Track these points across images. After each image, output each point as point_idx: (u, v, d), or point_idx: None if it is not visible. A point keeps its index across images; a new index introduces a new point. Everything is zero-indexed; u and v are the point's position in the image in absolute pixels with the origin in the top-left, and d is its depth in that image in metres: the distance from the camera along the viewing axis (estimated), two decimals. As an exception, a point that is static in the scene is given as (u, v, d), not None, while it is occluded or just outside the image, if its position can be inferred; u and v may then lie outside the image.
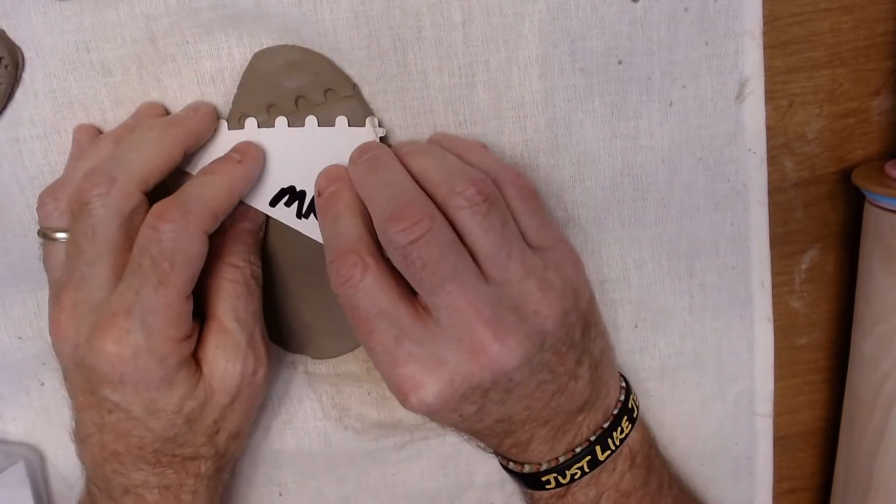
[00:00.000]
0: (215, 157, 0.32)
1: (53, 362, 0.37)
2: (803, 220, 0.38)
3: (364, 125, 0.34)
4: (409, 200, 0.29)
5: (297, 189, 0.33)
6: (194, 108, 0.33)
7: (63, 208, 0.31)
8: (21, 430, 0.39)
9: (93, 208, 0.29)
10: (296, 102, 0.33)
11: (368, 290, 0.29)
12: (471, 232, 0.29)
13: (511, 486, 0.39)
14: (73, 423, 0.33)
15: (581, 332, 0.31)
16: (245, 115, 0.34)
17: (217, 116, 0.34)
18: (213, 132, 0.33)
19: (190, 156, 0.33)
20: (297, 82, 0.33)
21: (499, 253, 0.29)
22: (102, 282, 0.30)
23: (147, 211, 0.31)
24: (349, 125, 0.33)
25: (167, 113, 0.34)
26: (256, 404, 0.34)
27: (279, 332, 0.37)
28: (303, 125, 0.33)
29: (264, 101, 0.33)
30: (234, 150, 0.33)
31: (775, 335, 0.39)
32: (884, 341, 0.35)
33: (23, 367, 0.38)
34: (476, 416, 0.30)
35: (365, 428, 0.39)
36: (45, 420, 0.38)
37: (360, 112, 0.34)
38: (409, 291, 0.30)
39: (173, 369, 0.30)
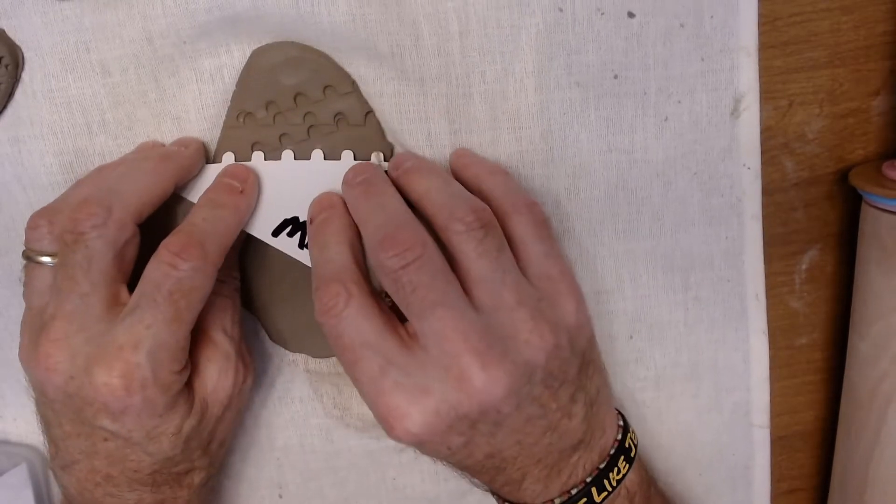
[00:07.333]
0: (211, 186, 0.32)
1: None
2: (803, 220, 0.38)
3: (370, 157, 0.34)
4: (402, 225, 0.29)
5: (301, 220, 0.33)
6: (185, 143, 0.33)
7: (57, 233, 0.31)
8: (22, 431, 0.39)
9: (89, 239, 0.29)
10: (294, 99, 0.33)
11: (352, 320, 0.29)
12: (466, 256, 0.29)
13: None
14: (52, 450, 0.32)
15: (577, 370, 0.31)
16: (244, 113, 0.34)
17: (205, 152, 0.34)
18: (201, 167, 0.33)
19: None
20: (296, 79, 0.33)
21: (492, 278, 0.29)
22: (97, 313, 0.29)
23: (137, 242, 0.31)
24: (350, 125, 0.34)
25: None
26: (243, 410, 0.35)
27: (279, 332, 0.37)
28: (308, 157, 0.34)
29: (263, 98, 0.33)
30: (234, 177, 0.32)
31: (775, 335, 0.39)
32: (880, 341, 0.35)
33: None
34: (465, 449, 0.30)
35: (366, 426, 0.38)
36: (45, 420, 0.38)
37: (358, 109, 0.34)
38: (394, 320, 0.30)
39: (175, 397, 0.30)
